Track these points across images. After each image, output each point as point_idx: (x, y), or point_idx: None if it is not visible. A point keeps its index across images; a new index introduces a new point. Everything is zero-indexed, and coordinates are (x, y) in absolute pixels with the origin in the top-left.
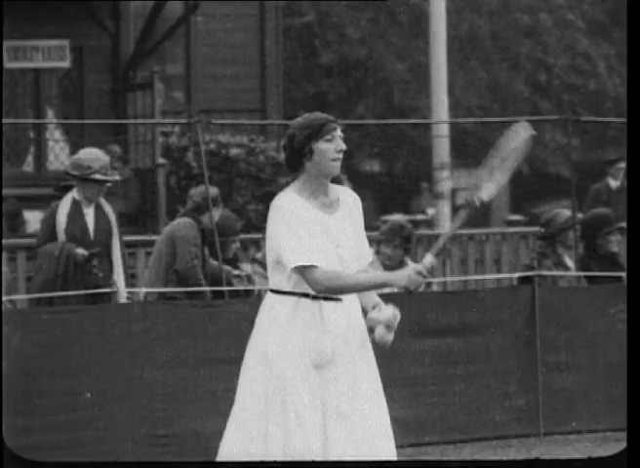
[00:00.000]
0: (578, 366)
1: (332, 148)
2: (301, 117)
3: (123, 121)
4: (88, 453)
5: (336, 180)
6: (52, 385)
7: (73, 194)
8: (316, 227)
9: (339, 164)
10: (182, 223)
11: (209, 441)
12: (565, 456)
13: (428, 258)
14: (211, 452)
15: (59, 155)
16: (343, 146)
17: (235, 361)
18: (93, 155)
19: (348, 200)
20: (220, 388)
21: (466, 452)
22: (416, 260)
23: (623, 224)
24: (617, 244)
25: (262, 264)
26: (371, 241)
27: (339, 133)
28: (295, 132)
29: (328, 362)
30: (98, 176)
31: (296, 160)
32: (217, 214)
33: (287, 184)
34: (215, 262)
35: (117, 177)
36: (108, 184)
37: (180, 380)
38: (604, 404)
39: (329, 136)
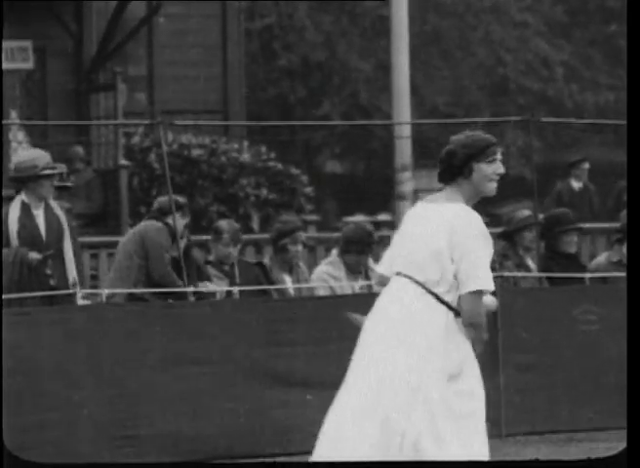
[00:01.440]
0: (540, 367)
1: (492, 170)
2: (463, 135)
3: (86, 122)
4: (52, 455)
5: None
6: (16, 386)
7: (22, 197)
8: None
9: (495, 185)
10: (154, 228)
11: (175, 441)
12: (526, 458)
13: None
14: (178, 453)
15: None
16: (502, 170)
17: (200, 361)
18: (35, 154)
19: None
20: (186, 389)
21: None
22: (377, 260)
23: (582, 225)
24: (574, 244)
25: (217, 266)
26: (334, 242)
27: (499, 156)
28: (456, 149)
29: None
30: (48, 172)
31: (450, 175)
32: (183, 221)
33: (248, 185)
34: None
35: (64, 170)
36: (60, 183)
37: (145, 381)
38: (566, 405)
39: (491, 158)
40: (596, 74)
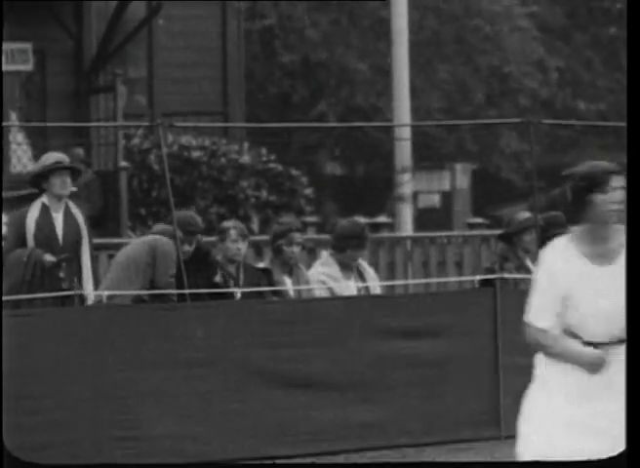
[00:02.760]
0: None
1: (607, 200)
2: (586, 165)
3: (86, 124)
4: (52, 455)
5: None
6: (14, 388)
7: (43, 199)
8: (571, 279)
9: (617, 214)
10: (165, 240)
11: (175, 443)
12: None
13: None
14: (178, 454)
15: (21, 158)
16: (621, 198)
17: (198, 364)
18: (44, 157)
19: None
20: (184, 391)
21: (427, 455)
22: (376, 262)
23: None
24: None
25: (223, 267)
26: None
27: (618, 182)
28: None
29: None
30: (58, 165)
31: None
32: (190, 249)
33: (248, 187)
34: None
35: (74, 166)
36: (73, 189)
37: (146, 382)
38: None
39: (607, 188)
40: (594, 77)
